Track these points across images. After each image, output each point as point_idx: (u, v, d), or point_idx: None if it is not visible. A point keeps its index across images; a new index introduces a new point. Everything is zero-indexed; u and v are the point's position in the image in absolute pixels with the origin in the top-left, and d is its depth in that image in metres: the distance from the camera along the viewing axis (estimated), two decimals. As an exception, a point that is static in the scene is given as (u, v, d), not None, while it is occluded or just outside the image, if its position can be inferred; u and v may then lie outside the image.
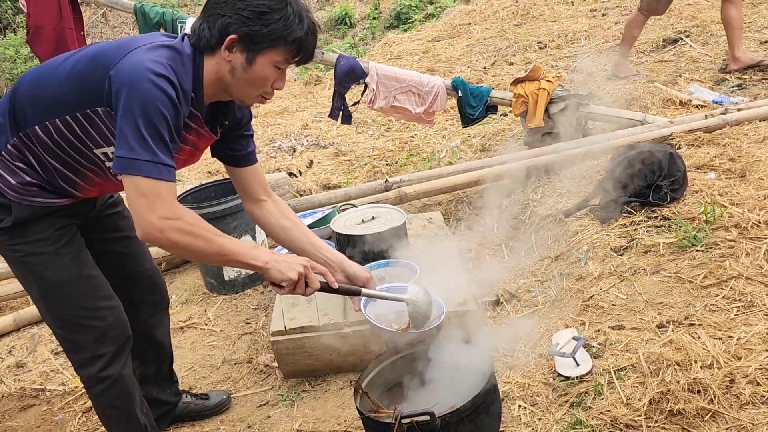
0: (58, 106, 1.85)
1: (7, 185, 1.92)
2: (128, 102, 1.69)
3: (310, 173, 5.18)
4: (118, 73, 1.72)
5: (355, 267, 2.16)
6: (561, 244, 3.43)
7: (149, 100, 1.68)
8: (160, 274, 2.49)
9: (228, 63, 1.81)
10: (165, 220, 1.71)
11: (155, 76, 1.70)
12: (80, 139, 1.88)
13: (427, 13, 11.12)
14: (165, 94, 1.70)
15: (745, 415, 2.04)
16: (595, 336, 2.60)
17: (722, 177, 3.46)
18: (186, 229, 1.74)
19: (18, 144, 1.90)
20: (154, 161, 1.69)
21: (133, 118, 1.67)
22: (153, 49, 1.77)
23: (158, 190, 1.70)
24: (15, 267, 2.08)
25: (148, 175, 1.69)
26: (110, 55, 1.78)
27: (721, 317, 2.47)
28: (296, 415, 2.63)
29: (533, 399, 2.39)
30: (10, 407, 2.99)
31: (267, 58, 1.80)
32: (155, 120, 1.69)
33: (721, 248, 2.85)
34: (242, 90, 1.87)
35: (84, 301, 2.09)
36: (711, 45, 5.95)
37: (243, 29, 1.76)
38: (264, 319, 3.34)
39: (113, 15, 14.00)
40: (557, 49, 6.97)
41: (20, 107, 1.90)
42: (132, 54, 1.75)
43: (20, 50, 12.83)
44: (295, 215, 2.24)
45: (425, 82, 4.42)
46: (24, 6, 4.62)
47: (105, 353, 2.14)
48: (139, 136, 1.67)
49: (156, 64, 1.72)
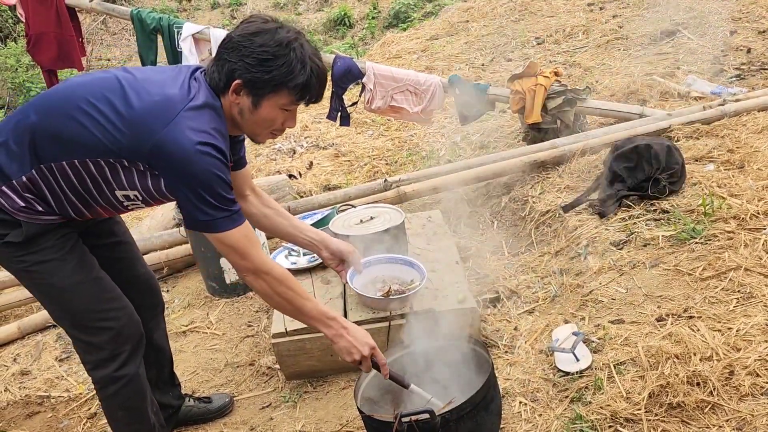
0: (87, 149, 1.86)
1: (15, 207, 1.93)
2: (186, 179, 1.81)
3: (310, 175, 5.18)
4: (165, 149, 1.79)
5: (339, 243, 2.35)
6: (560, 240, 3.43)
7: (206, 171, 1.80)
8: (154, 278, 2.51)
9: (237, 105, 1.91)
10: (257, 272, 1.94)
11: (204, 146, 1.79)
12: (106, 180, 1.92)
13: (426, 11, 11.12)
14: (217, 160, 1.82)
15: (744, 407, 2.04)
16: (595, 331, 2.60)
17: (721, 168, 3.46)
18: (273, 286, 1.96)
19: (35, 177, 1.90)
20: (228, 217, 1.87)
21: (196, 191, 1.82)
22: (195, 116, 1.83)
23: (242, 242, 1.90)
24: (23, 277, 2.10)
25: (228, 229, 1.88)
26: (151, 120, 1.81)
27: (720, 309, 2.47)
28: (299, 416, 2.64)
29: (533, 395, 2.40)
30: (16, 414, 3.01)
31: (271, 101, 1.89)
32: (216, 186, 1.83)
33: (720, 240, 2.85)
34: (252, 129, 1.98)
35: (96, 303, 2.12)
36: (709, 36, 5.94)
37: (246, 75, 1.85)
38: (266, 321, 3.35)
39: (113, 22, 14.04)
40: (555, 44, 6.95)
41: (42, 142, 1.89)
42: (176, 124, 1.79)
43: (21, 59, 12.87)
44: (277, 204, 2.38)
45: (422, 80, 4.42)
46: (22, 16, 4.65)
47: (122, 352, 2.17)
48: (208, 204, 1.83)
49: (203, 135, 1.81)
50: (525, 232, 3.78)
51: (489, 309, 3.06)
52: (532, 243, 3.65)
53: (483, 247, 3.69)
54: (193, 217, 1.86)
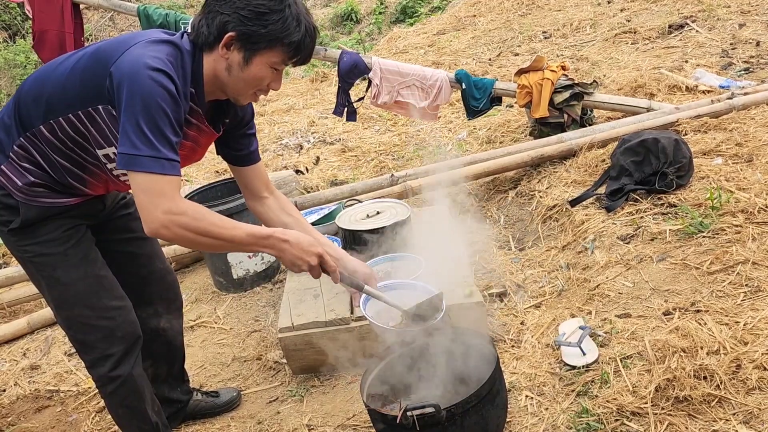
0: (60, 104, 1.86)
1: (14, 186, 1.94)
2: (129, 98, 1.68)
3: (316, 170, 5.19)
4: (118, 69, 1.73)
5: (356, 263, 2.17)
6: (567, 234, 3.42)
7: (148, 95, 1.68)
8: (172, 274, 2.51)
9: (225, 60, 1.82)
10: (169, 215, 1.70)
11: (153, 71, 1.69)
12: (84, 138, 1.90)
13: (433, 6, 11.10)
14: (164, 89, 1.70)
15: (751, 400, 2.03)
16: (602, 325, 2.60)
17: (729, 162, 3.44)
18: (191, 224, 1.73)
19: (24, 144, 1.92)
20: (156, 156, 1.69)
21: (134, 115, 1.67)
22: (152, 44, 1.77)
23: (160, 185, 1.70)
24: (26, 267, 2.11)
25: (150, 170, 1.69)
26: (110, 52, 1.79)
27: (727, 303, 2.46)
28: (306, 410, 2.65)
29: (540, 389, 2.40)
30: (25, 408, 3.03)
31: (264, 58, 1.81)
32: (155, 115, 1.69)
33: (728, 234, 2.84)
34: (237, 88, 1.87)
35: (92, 301, 2.10)
36: (717, 30, 5.90)
37: (241, 28, 1.76)
38: (273, 316, 3.36)
39: (121, 18, 14.08)
40: (563, 38, 6.94)
41: (25, 107, 1.91)
42: (131, 49, 1.75)
43: (30, 56, 12.94)
44: (297, 211, 2.26)
45: (429, 75, 4.42)
46: (29, 12, 4.67)
47: (114, 353, 2.15)
48: (140, 132, 1.67)
49: (154, 60, 1.72)
50: (532, 227, 3.77)
51: (496, 303, 3.05)
52: (539, 237, 3.64)
53: (490, 241, 3.68)
54: (121, 152, 1.69)
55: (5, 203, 1.97)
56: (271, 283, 3.71)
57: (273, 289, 3.66)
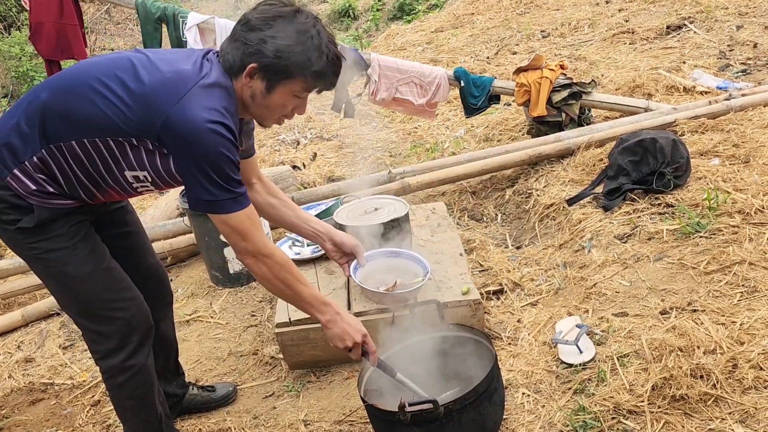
0: (98, 128, 1.85)
1: (26, 190, 1.92)
2: (195, 156, 1.78)
3: (314, 166, 5.18)
4: (175, 126, 1.77)
5: (343, 235, 2.32)
6: (564, 233, 3.43)
7: (214, 150, 1.78)
8: (163, 269, 2.51)
9: (249, 88, 1.88)
10: (258, 255, 1.92)
11: (215, 124, 1.77)
12: (116, 160, 1.91)
13: (431, 3, 11.09)
14: (227, 140, 1.79)
15: (747, 400, 2.04)
16: (599, 323, 2.60)
17: (726, 163, 3.45)
18: (274, 270, 1.95)
19: (45, 157, 1.89)
20: (233, 198, 1.84)
21: (203, 169, 1.79)
22: (206, 94, 1.81)
23: (244, 224, 1.88)
24: (34, 264, 2.09)
25: (231, 211, 1.85)
26: (163, 97, 1.79)
27: (724, 303, 2.47)
28: (302, 406, 2.65)
29: (537, 386, 2.40)
30: (20, 401, 3.02)
31: (286, 87, 1.87)
32: (224, 166, 1.80)
33: (725, 234, 2.85)
34: (261, 114, 1.96)
35: (106, 293, 2.11)
36: (715, 31, 5.92)
37: (263, 60, 1.82)
38: (269, 311, 3.35)
39: (117, 11, 14.01)
40: (561, 37, 6.94)
41: (52, 121, 1.88)
42: (187, 101, 1.78)
43: (25, 48, 12.86)
44: (283, 194, 2.36)
45: (427, 72, 4.41)
46: (26, 3, 4.64)
47: (130, 342, 2.16)
48: (214, 183, 1.81)
49: (213, 113, 1.78)
50: (529, 225, 3.78)
51: (492, 301, 3.06)
52: (536, 236, 3.65)
53: (487, 239, 3.69)
54: (199, 197, 1.84)
55: (14, 204, 1.94)
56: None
57: (269, 285, 3.65)
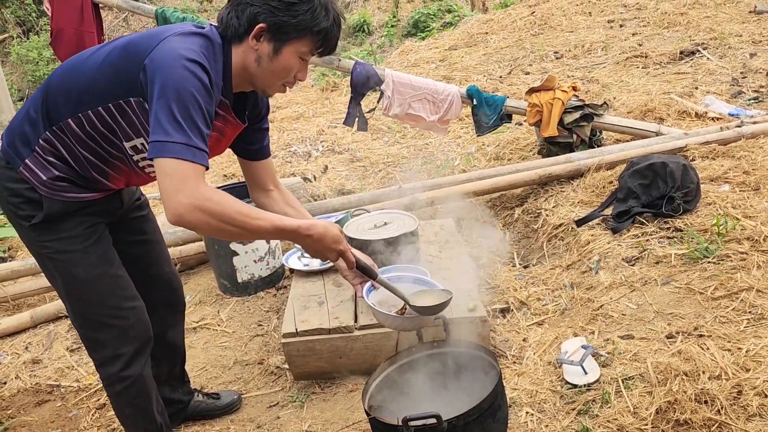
0: (90, 97, 1.88)
1: (38, 180, 1.95)
2: (162, 87, 1.70)
3: (324, 178, 5.22)
4: (152, 61, 1.75)
5: (357, 254, 2.21)
6: (572, 253, 3.44)
7: (183, 85, 1.70)
8: (178, 278, 2.52)
9: (254, 52, 1.85)
10: (193, 200, 1.67)
11: (189, 62, 1.72)
12: (112, 131, 1.92)
13: (445, 21, 11.19)
14: (199, 80, 1.73)
15: (752, 427, 2.04)
16: (604, 345, 2.61)
17: (736, 190, 3.46)
18: (215, 210, 1.70)
19: (50, 138, 1.93)
20: (187, 144, 1.68)
21: (167, 104, 1.68)
22: (186, 37, 1.80)
23: (187, 172, 1.68)
24: (43, 263, 2.11)
25: (179, 156, 1.67)
26: (143, 44, 1.81)
27: (730, 329, 2.47)
28: (305, 417, 2.66)
29: (540, 406, 2.40)
30: (26, 402, 3.04)
31: (293, 48, 1.85)
32: (189, 105, 1.70)
33: (733, 260, 2.85)
34: (266, 79, 1.91)
35: (108, 300, 2.11)
36: (728, 58, 5.94)
37: (272, 19, 1.80)
38: (276, 321, 3.37)
39: (134, 19, 14.18)
40: (574, 59, 6.98)
41: (53, 100, 1.92)
42: (166, 41, 1.78)
43: (43, 52, 13.05)
44: (300, 204, 2.28)
45: (440, 90, 4.45)
46: (48, 9, 4.72)
47: (125, 353, 2.16)
48: (173, 121, 1.68)
49: (190, 51, 1.75)
50: (537, 245, 3.79)
51: (498, 319, 3.06)
52: (543, 255, 3.66)
53: (494, 257, 3.70)
54: (153, 140, 1.69)
55: (28, 197, 1.97)
56: (275, 289, 3.72)
57: (277, 295, 3.67)
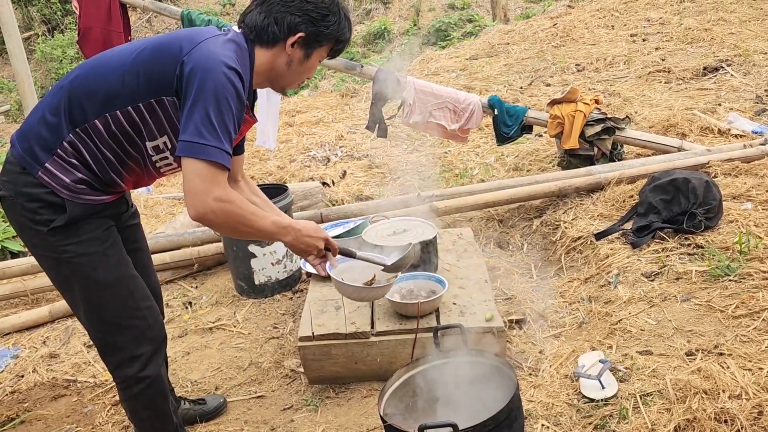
0: (119, 97, 1.91)
1: (60, 184, 1.95)
2: (201, 90, 1.79)
3: (343, 184, 5.23)
4: (192, 59, 1.83)
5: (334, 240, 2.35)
6: (591, 267, 3.42)
7: (222, 91, 1.79)
8: (160, 288, 2.51)
9: (287, 56, 1.99)
10: (220, 202, 1.82)
11: (228, 69, 1.82)
12: (138, 130, 1.96)
13: (466, 31, 11.20)
14: (234, 87, 1.83)
15: (772, 448, 2.02)
16: (622, 360, 2.59)
17: (759, 208, 3.43)
18: (236, 212, 1.86)
19: (74, 140, 1.94)
20: (219, 148, 1.79)
21: (204, 107, 1.78)
22: (223, 43, 1.90)
23: (217, 175, 1.81)
24: (58, 269, 2.07)
25: (213, 159, 1.79)
26: (179, 45, 1.88)
27: (751, 348, 2.45)
28: (319, 421, 2.66)
29: (557, 419, 2.39)
30: (42, 396, 3.06)
31: (319, 53, 2.04)
32: (224, 110, 1.80)
33: (755, 279, 2.82)
34: (292, 80, 2.08)
35: (128, 301, 2.12)
36: (753, 75, 5.90)
37: (311, 29, 1.97)
38: (291, 324, 3.38)
39: (158, 20, 14.33)
40: (595, 72, 6.95)
41: (77, 103, 1.94)
42: (204, 44, 1.87)
43: (66, 51, 13.19)
44: (263, 194, 2.38)
45: (462, 99, 4.45)
46: (76, 8, 4.78)
47: (143, 353, 2.16)
48: (209, 124, 1.78)
49: (228, 58, 1.85)
50: (555, 257, 3.77)
51: (515, 330, 3.05)
52: (561, 268, 3.64)
53: (512, 268, 3.69)
54: (188, 140, 1.77)
55: (49, 201, 1.96)
56: (291, 292, 3.73)
57: (293, 298, 3.68)
